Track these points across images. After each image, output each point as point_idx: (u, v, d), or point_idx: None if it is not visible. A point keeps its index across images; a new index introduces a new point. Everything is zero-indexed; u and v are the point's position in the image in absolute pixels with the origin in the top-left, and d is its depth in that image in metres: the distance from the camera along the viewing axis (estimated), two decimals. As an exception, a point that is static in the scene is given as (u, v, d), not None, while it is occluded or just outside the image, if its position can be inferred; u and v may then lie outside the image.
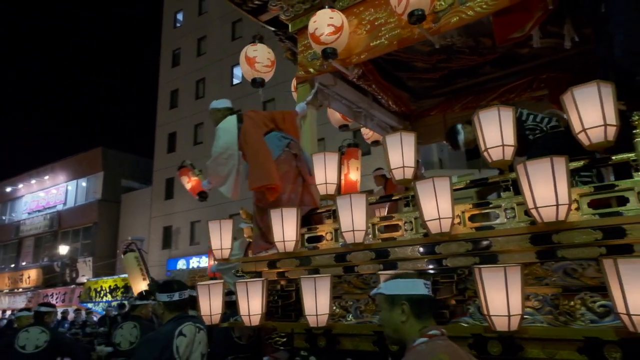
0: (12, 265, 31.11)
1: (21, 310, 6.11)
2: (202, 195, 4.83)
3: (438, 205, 2.81)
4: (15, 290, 28.99)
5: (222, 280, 3.77)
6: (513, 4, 3.45)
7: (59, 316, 14.64)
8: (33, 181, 31.95)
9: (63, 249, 28.10)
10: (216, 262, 4.45)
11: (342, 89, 4.92)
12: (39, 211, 31.27)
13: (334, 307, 3.49)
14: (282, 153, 4.07)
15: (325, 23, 3.86)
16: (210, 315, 3.60)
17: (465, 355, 1.78)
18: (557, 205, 2.46)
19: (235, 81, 25.52)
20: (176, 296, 3.06)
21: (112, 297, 19.82)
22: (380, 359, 3.22)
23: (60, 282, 27.06)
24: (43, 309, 5.13)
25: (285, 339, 3.73)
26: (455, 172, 9.36)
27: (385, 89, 5.37)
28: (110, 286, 20.97)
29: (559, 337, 2.64)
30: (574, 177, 3.06)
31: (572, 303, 2.67)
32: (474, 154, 4.77)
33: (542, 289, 2.79)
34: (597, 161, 2.76)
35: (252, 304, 3.38)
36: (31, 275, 28.89)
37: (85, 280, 23.72)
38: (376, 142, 5.96)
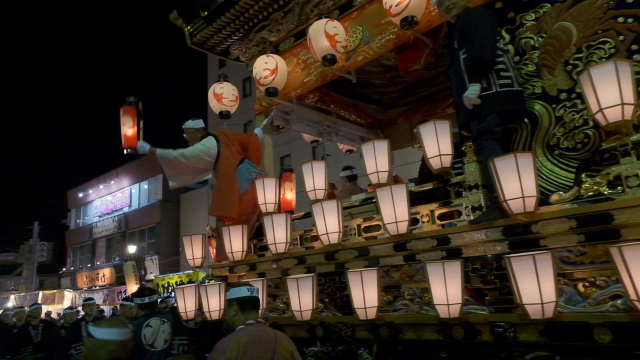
0: (89, 265, 33.87)
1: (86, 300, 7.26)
2: (130, 151, 4.56)
3: (325, 222, 3.59)
4: (93, 287, 31.52)
5: (194, 284, 4.69)
6: (405, 43, 4.13)
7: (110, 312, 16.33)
8: (101, 186, 34.35)
9: (131, 249, 30.28)
10: None
11: (303, 112, 5.70)
12: (107, 214, 33.69)
13: (278, 303, 4.33)
14: (248, 186, 4.84)
15: (262, 68, 4.67)
16: (186, 312, 4.54)
17: (270, 338, 2.56)
18: (397, 222, 3.20)
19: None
20: (146, 299, 4.10)
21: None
22: (309, 343, 4.04)
23: (131, 280, 29.34)
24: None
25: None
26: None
27: (346, 106, 6.10)
28: (176, 282, 22.45)
29: (423, 322, 3.34)
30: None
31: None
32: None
33: (414, 284, 3.51)
34: (444, 183, 3.44)
35: (211, 302, 4.29)
36: (105, 274, 31.32)
37: (153, 277, 25.37)
38: (350, 151, 6.71)
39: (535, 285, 2.46)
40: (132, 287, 7.94)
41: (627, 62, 2.62)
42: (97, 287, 30.91)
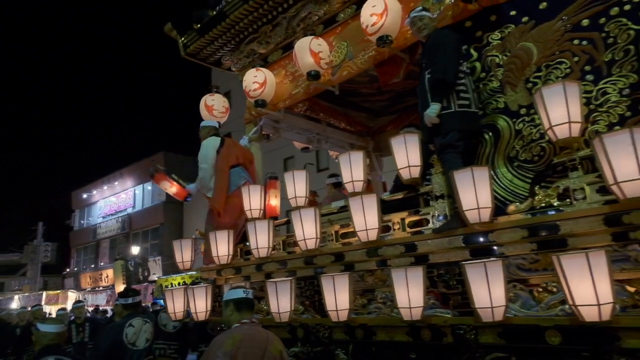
0: (92, 266, 34.10)
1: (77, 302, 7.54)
2: (189, 199, 5.43)
3: (303, 228, 3.79)
4: (97, 288, 31.75)
5: (183, 287, 4.89)
6: (384, 60, 4.34)
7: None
8: (105, 187, 34.53)
9: (135, 250, 30.46)
10: None
11: (293, 120, 5.91)
12: (111, 215, 33.88)
13: (262, 305, 4.53)
14: (236, 189, 5.09)
15: (251, 81, 4.89)
16: (174, 313, 4.75)
17: (262, 337, 2.77)
18: (367, 230, 3.39)
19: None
20: (130, 300, 4.28)
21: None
22: (291, 343, 4.23)
23: (134, 280, 29.41)
24: None
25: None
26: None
27: (336, 115, 6.30)
28: (179, 283, 22.52)
29: (394, 325, 3.51)
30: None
31: (401, 299, 3.57)
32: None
33: (386, 289, 3.70)
34: (415, 192, 3.64)
35: (198, 304, 4.49)
36: (109, 275, 31.38)
37: (157, 278, 25.52)
38: (339, 158, 6.91)
39: (486, 290, 2.65)
40: (120, 287, 8.19)
41: (576, 83, 2.82)
42: (101, 288, 31.08)
